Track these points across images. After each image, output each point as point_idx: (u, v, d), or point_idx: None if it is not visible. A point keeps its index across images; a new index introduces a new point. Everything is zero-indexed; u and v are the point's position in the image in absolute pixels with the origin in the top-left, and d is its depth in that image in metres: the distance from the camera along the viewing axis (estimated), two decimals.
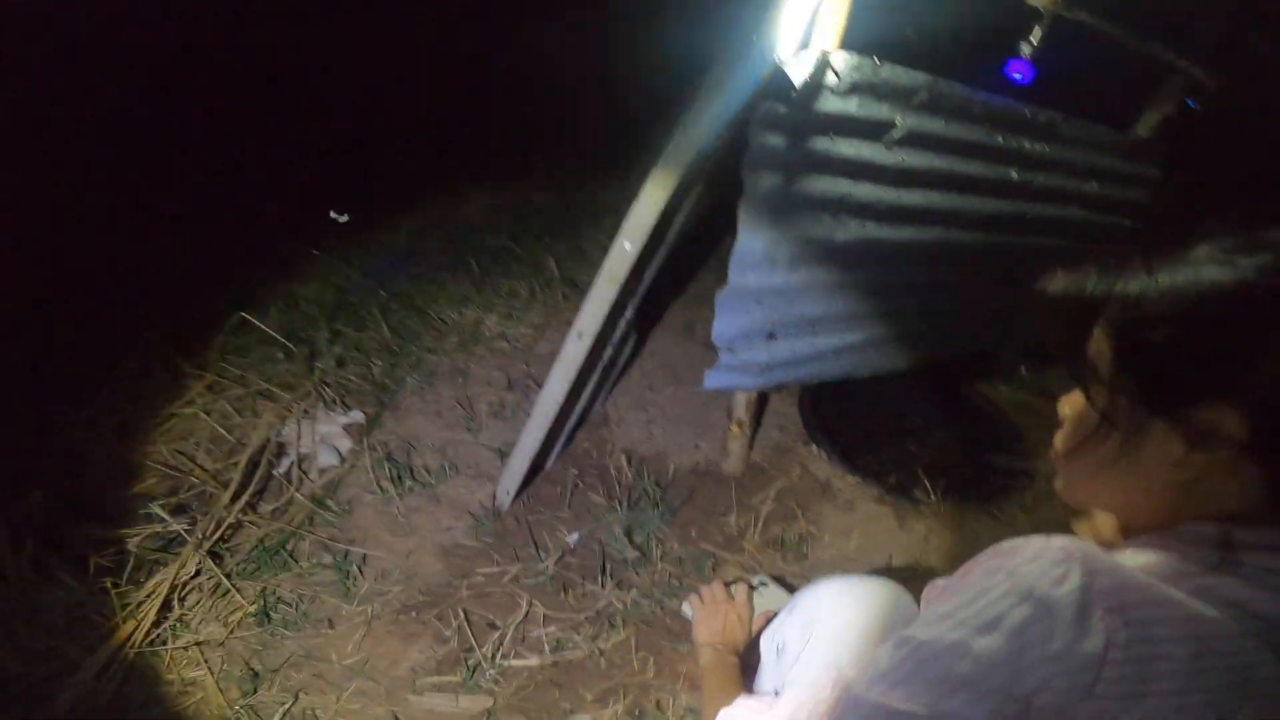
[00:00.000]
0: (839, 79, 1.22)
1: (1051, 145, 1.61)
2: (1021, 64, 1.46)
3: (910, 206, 1.46)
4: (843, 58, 1.20)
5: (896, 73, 1.27)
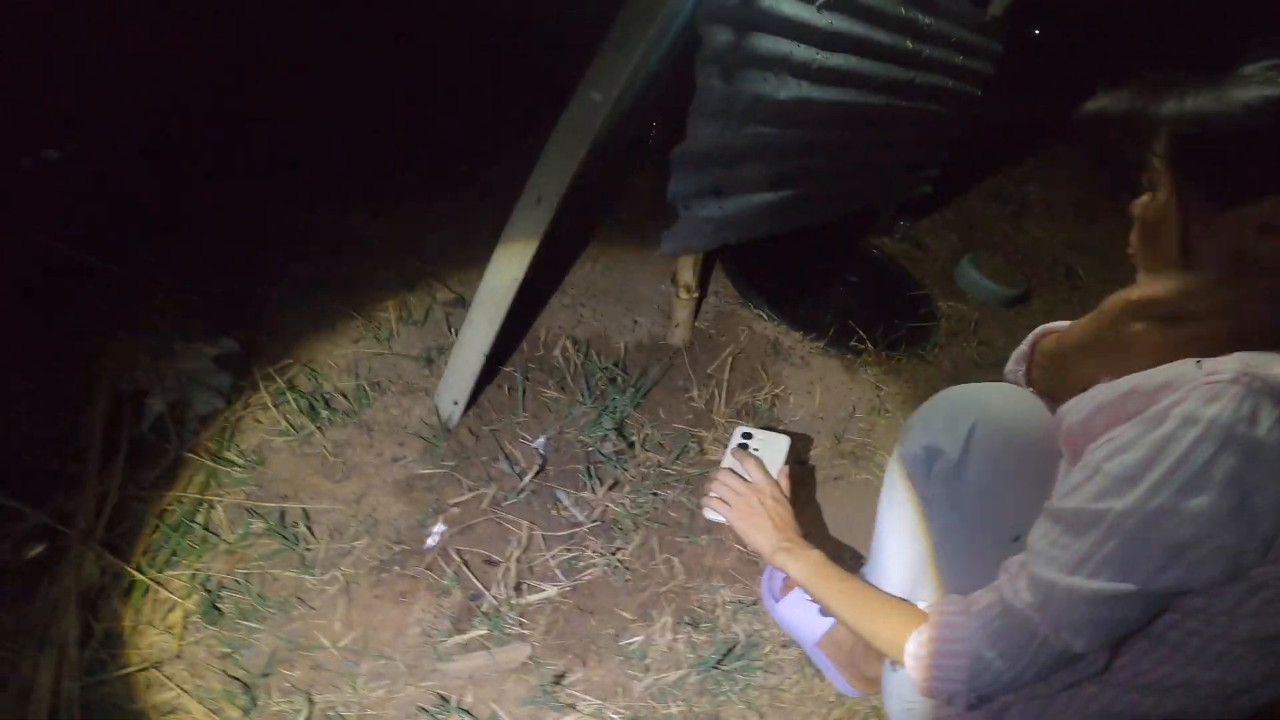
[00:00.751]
0: None
1: (936, 18, 1.77)
2: None
3: (834, 69, 1.54)
4: None
5: None
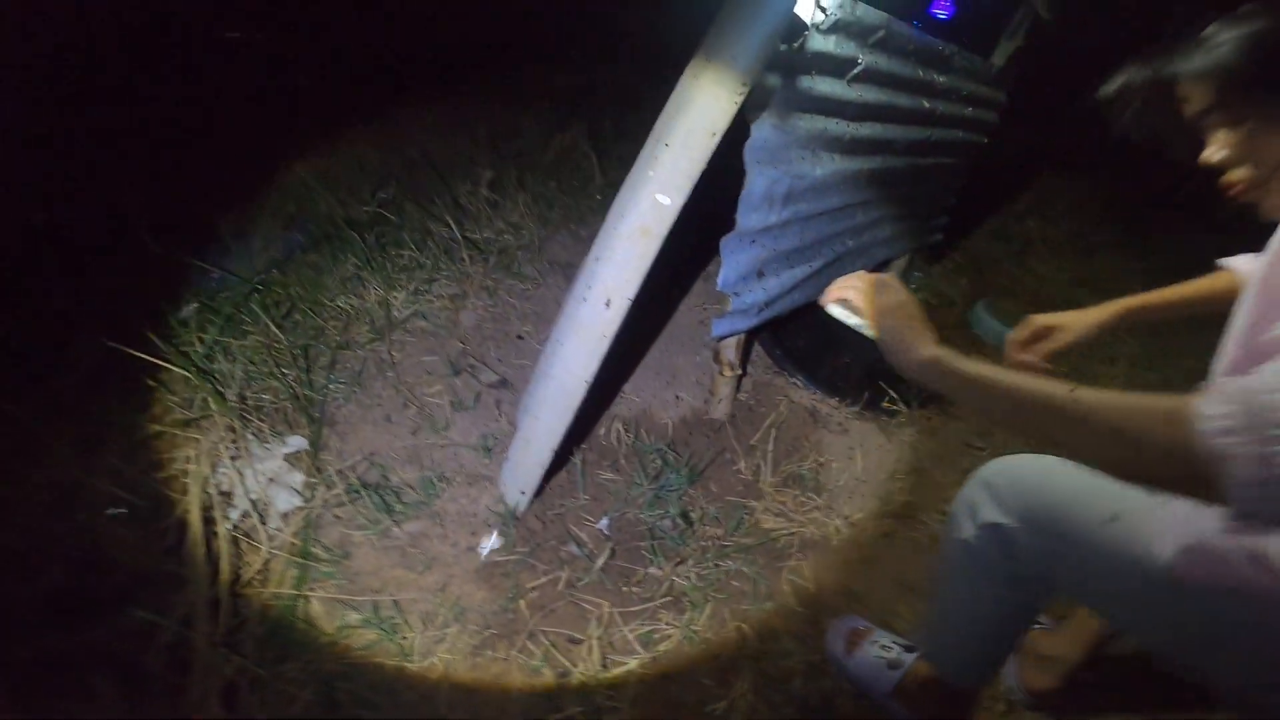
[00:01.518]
0: (825, 16, 1.25)
1: (948, 75, 1.81)
2: (943, 1, 1.62)
3: (864, 138, 1.57)
4: None
5: (867, 11, 1.33)
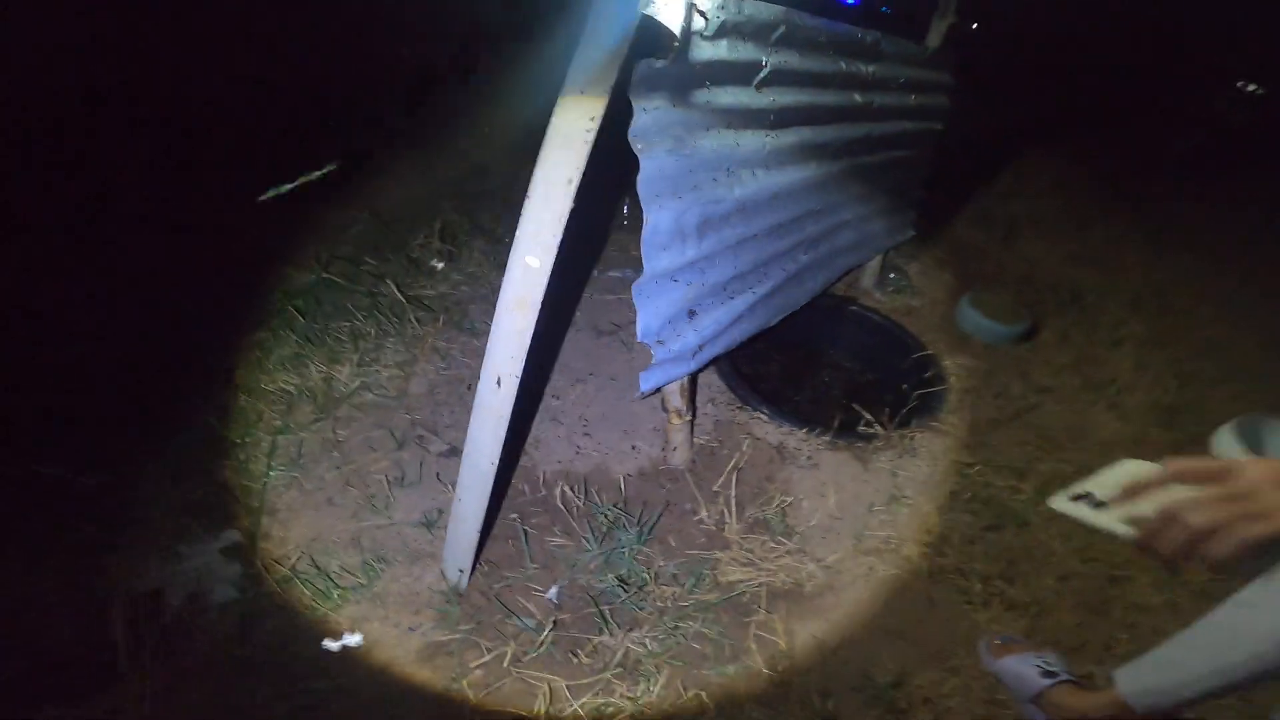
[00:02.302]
0: (707, 21, 1.13)
1: (878, 64, 1.67)
2: None
3: (788, 147, 1.43)
4: None
5: (758, 8, 1.20)
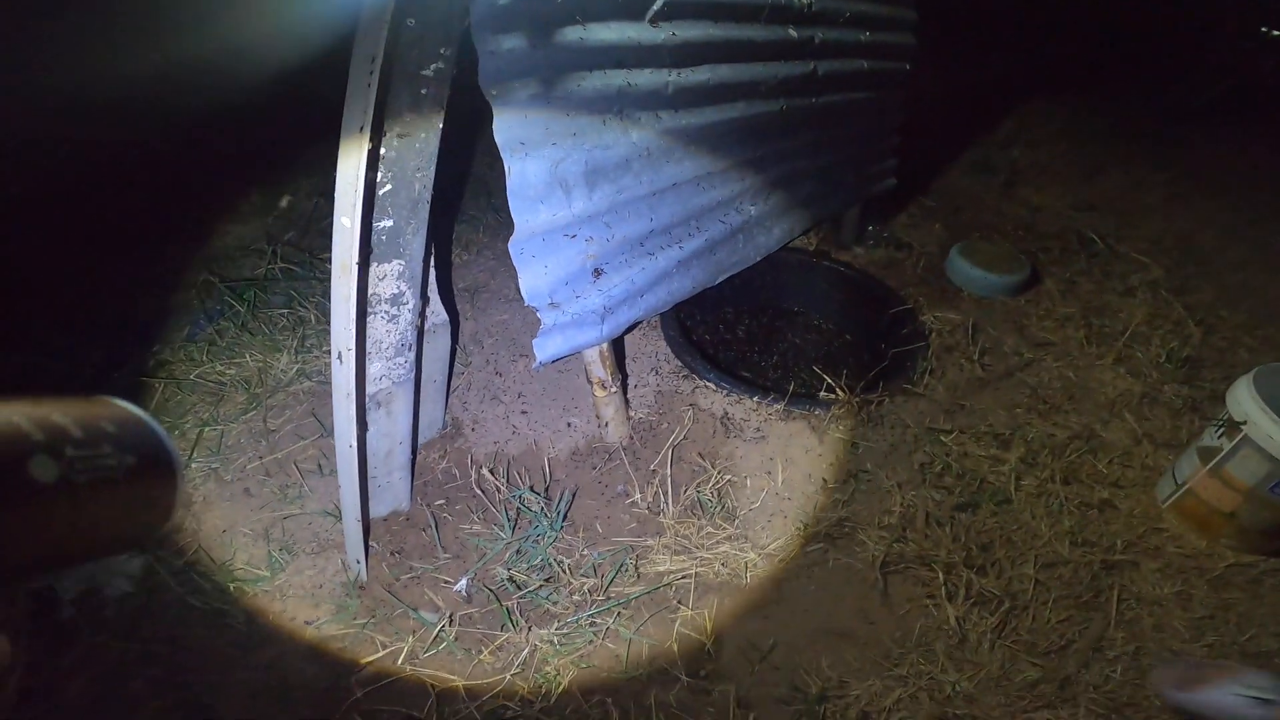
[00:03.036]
0: None
1: None
2: None
3: (700, 85, 1.29)
4: None
5: None
